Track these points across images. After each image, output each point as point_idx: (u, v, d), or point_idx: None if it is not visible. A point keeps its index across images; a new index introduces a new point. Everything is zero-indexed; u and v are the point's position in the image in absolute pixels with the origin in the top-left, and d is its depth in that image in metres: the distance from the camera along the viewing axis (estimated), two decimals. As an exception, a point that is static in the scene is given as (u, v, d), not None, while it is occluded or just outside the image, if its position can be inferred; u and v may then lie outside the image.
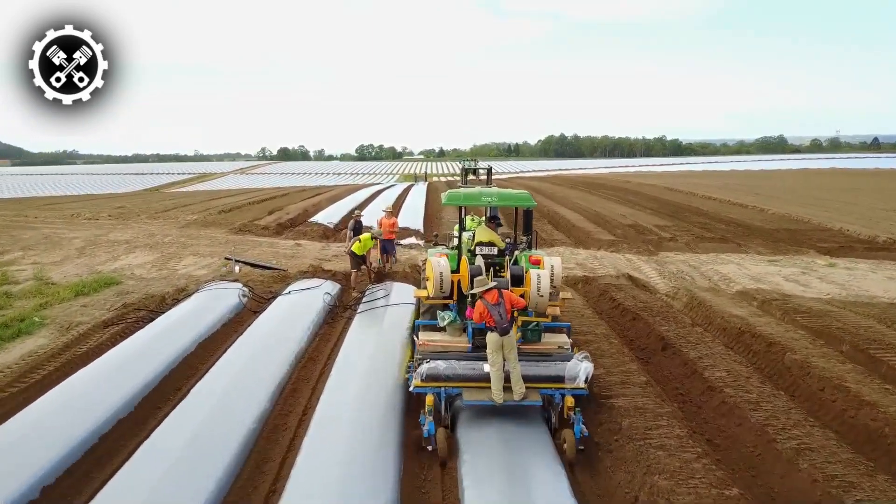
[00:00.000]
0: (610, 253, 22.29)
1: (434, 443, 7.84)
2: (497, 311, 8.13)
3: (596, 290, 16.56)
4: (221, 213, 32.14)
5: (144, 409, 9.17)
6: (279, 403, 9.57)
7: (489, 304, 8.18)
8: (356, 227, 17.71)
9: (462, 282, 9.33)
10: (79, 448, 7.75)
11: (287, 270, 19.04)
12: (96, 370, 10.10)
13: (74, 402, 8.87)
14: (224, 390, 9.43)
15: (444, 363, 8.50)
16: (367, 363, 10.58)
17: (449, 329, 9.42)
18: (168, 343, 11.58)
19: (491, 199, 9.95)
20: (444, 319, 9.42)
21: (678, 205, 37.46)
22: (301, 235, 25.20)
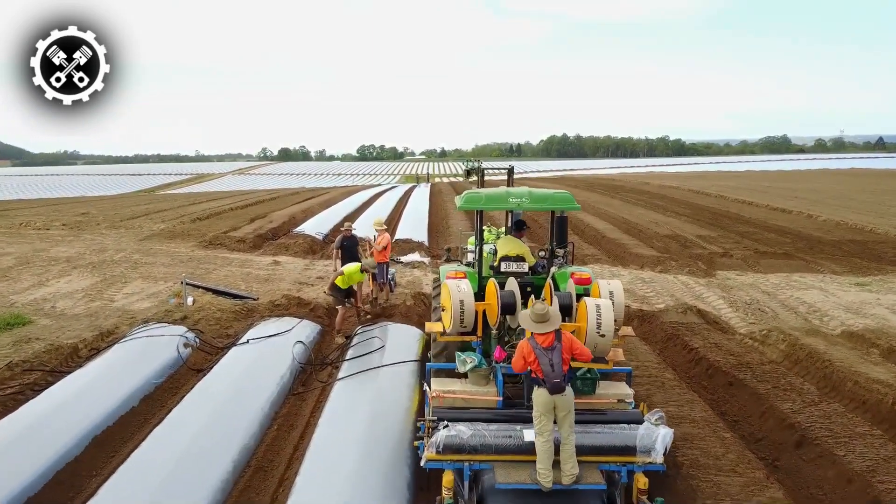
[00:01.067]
0: (658, 274, 18.19)
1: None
2: (549, 358, 5.90)
3: (660, 332, 12.49)
4: (196, 222, 28.05)
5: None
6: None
7: (539, 347, 5.95)
8: (346, 244, 13.68)
9: (489, 312, 7.22)
10: None
11: (257, 299, 15.07)
12: None
13: None
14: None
15: (468, 428, 6.13)
16: (350, 469, 6.74)
17: (471, 376, 7.18)
18: (52, 435, 7.58)
19: (521, 201, 7.76)
20: (465, 363, 7.20)
21: (714, 211, 33.35)
22: (282, 250, 21.11)
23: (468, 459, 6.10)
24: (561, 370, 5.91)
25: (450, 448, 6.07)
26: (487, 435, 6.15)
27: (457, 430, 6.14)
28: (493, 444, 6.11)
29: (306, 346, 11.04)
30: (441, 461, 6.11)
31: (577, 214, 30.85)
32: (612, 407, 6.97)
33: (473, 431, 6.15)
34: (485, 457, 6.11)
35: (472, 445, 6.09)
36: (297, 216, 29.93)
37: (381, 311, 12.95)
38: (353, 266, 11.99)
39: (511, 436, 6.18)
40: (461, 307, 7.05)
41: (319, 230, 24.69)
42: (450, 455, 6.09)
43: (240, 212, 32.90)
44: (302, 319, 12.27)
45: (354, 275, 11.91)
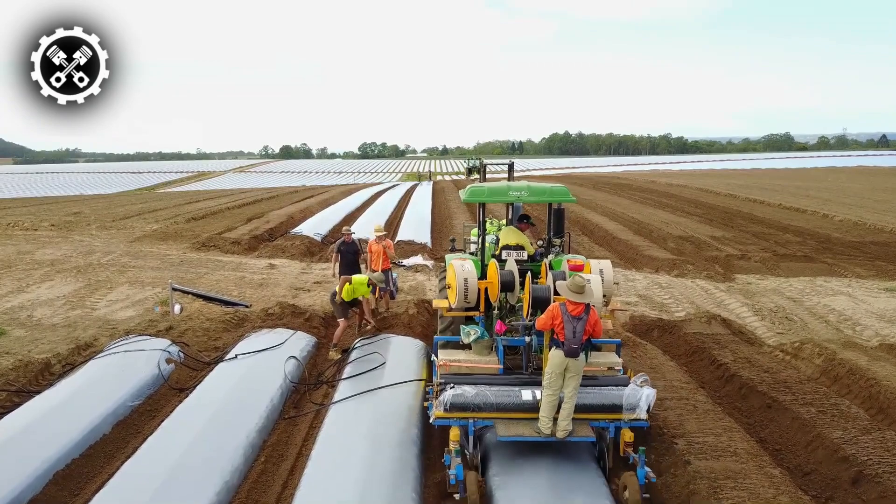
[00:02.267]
0: (675, 278, 17.23)
1: (462, 489, 6.38)
2: (574, 326, 6.55)
3: (683, 345, 11.53)
4: (190, 222, 27.11)
5: None
6: None
7: (567, 313, 6.59)
8: (344, 250, 12.77)
9: (490, 289, 7.98)
10: None
11: (250, 306, 14.15)
12: None
13: None
14: None
15: (472, 389, 6.95)
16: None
17: (475, 347, 7.80)
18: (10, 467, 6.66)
19: (520, 194, 8.51)
20: (468, 335, 7.80)
21: (726, 210, 32.34)
22: (278, 252, 20.15)
23: (472, 416, 6.81)
24: (581, 338, 6.54)
25: (456, 406, 6.80)
26: (489, 395, 6.89)
27: (462, 390, 6.87)
28: (495, 403, 6.85)
29: (300, 361, 10.08)
30: (448, 418, 6.83)
31: (586, 214, 29.91)
32: (602, 374, 7.50)
33: (477, 391, 6.89)
34: (487, 414, 6.84)
35: (475, 404, 6.81)
36: (296, 216, 28.97)
37: (380, 322, 11.98)
38: (360, 278, 11.04)
39: (510, 395, 6.92)
40: (465, 285, 7.75)
41: (318, 231, 23.74)
42: (456, 413, 6.81)
43: (236, 211, 31.95)
44: (295, 331, 11.32)
45: (360, 287, 10.95)
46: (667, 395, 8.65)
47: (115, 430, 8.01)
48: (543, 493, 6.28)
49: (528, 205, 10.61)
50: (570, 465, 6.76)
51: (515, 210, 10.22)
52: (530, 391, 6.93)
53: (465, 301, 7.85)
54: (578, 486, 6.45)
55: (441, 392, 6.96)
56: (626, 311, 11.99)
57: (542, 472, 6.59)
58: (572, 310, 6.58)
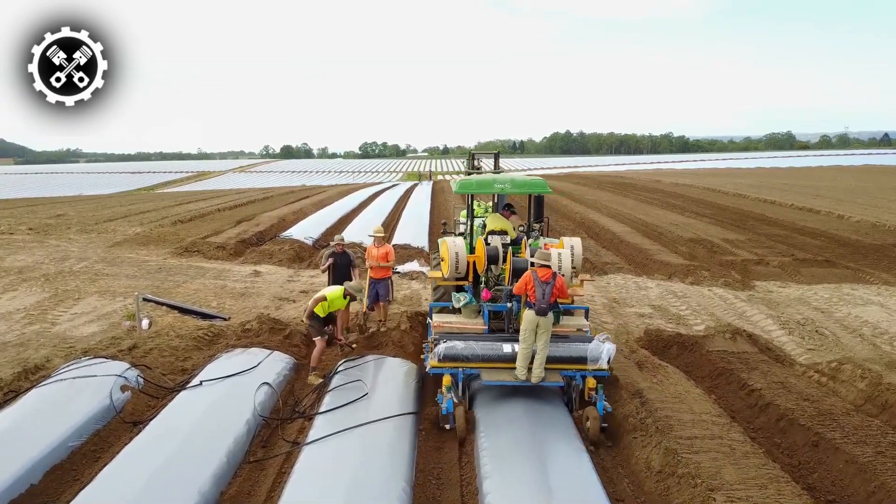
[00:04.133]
0: (690, 286, 15.97)
1: (452, 420, 7.66)
2: (543, 289, 7.85)
3: (707, 365, 10.29)
4: (177, 225, 25.86)
5: None
6: None
7: (538, 279, 7.89)
8: (336, 262, 11.57)
9: (478, 263, 9.19)
10: None
11: (228, 319, 12.97)
12: None
13: None
14: None
15: (461, 343, 8.22)
16: None
17: (464, 311, 9.14)
18: None
19: (504, 187, 9.69)
20: (458, 301, 9.12)
21: (736, 210, 31.07)
22: (265, 258, 18.91)
23: (462, 366, 8.11)
24: (549, 299, 7.84)
25: (448, 357, 8.08)
26: (476, 347, 8.15)
27: (453, 344, 8.16)
28: (481, 354, 8.13)
29: (273, 389, 8.83)
30: (441, 368, 8.11)
31: (591, 216, 28.68)
32: (573, 333, 8.81)
33: (465, 344, 8.18)
34: (474, 364, 8.12)
35: (464, 355, 8.09)
36: (288, 218, 27.71)
37: (368, 340, 10.73)
38: (335, 290, 9.82)
39: (493, 348, 8.21)
40: (456, 258, 9.01)
41: (309, 234, 22.48)
42: (448, 363, 8.09)
43: (227, 213, 30.70)
44: (272, 351, 10.08)
45: (336, 300, 9.75)
46: (696, 433, 7.41)
47: (46, 478, 6.76)
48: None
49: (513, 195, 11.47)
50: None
51: (501, 199, 11.31)
52: (510, 345, 8.19)
53: (455, 272, 9.09)
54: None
55: (435, 346, 8.19)
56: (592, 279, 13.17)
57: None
58: (542, 275, 7.86)
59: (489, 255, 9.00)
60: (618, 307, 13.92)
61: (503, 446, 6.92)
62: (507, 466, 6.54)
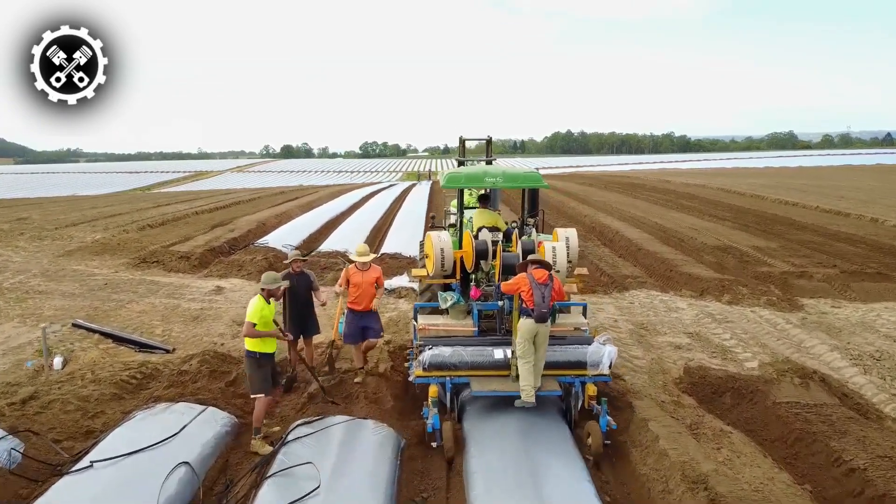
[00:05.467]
0: (728, 306, 13.53)
1: (439, 437, 7.01)
2: (541, 292, 6.98)
3: (778, 425, 7.87)
4: (145, 230, 23.41)
5: None
6: None
7: (535, 281, 7.02)
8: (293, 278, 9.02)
9: (466, 258, 8.36)
10: None
11: (172, 350, 10.64)
12: None
13: None
14: None
15: (448, 349, 7.45)
16: None
17: (451, 312, 8.22)
18: None
19: (496, 180, 8.71)
20: (445, 301, 8.21)
21: (758, 213, 28.61)
22: (233, 269, 16.46)
23: (449, 374, 7.38)
24: (549, 303, 7.02)
25: (434, 366, 7.36)
26: (465, 354, 7.44)
27: (439, 351, 7.44)
28: (470, 362, 7.41)
29: (195, 471, 6.39)
30: (427, 377, 7.38)
31: (603, 219, 26.24)
32: (570, 333, 7.96)
33: (452, 352, 7.43)
34: (462, 372, 7.39)
35: (452, 363, 7.37)
36: (269, 222, 25.25)
37: (335, 390, 8.28)
38: (254, 306, 7.18)
39: (483, 354, 7.47)
40: (442, 254, 8.09)
41: (288, 241, 20.02)
42: (434, 371, 7.37)
43: (205, 217, 28.21)
44: (206, 407, 7.65)
45: (269, 315, 7.27)
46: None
47: None
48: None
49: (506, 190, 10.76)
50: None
51: (495, 191, 10.55)
52: (502, 350, 7.41)
53: (441, 269, 8.18)
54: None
55: (420, 353, 7.43)
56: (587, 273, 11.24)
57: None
58: (539, 277, 7.02)
59: (478, 250, 8.20)
60: (647, 336, 11.49)
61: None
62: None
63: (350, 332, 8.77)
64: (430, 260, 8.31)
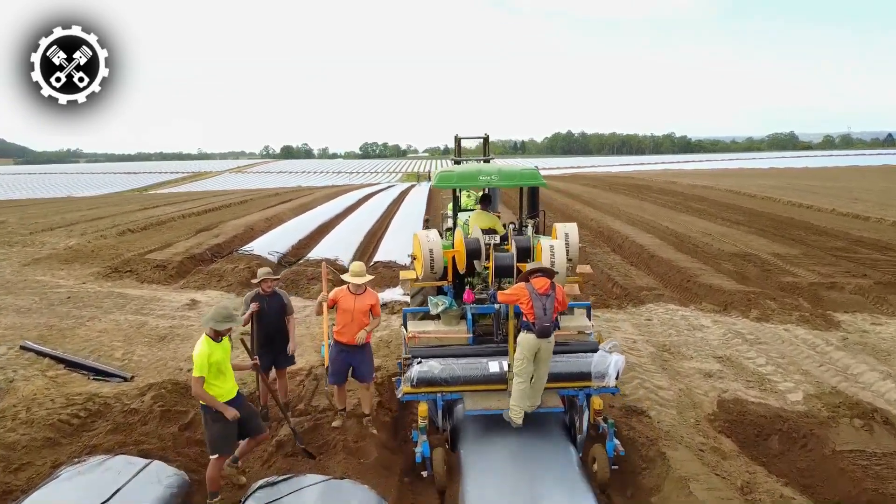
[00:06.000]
0: (757, 323, 12.18)
1: (430, 466, 6.40)
2: (543, 303, 6.30)
3: (842, 482, 6.56)
4: (124, 235, 22.08)
5: None
6: None
7: (535, 292, 6.34)
8: (263, 299, 7.69)
9: (457, 258, 7.75)
10: None
11: (130, 379, 9.40)
12: None
13: None
14: None
15: (439, 364, 6.70)
16: None
17: (444, 318, 7.46)
18: None
19: (491, 179, 8.17)
20: (436, 306, 7.43)
21: (772, 217, 27.25)
22: (213, 280, 15.12)
23: (440, 391, 6.64)
24: (551, 315, 6.31)
25: (423, 381, 6.61)
26: (456, 368, 6.67)
27: (429, 366, 6.67)
28: (462, 376, 6.64)
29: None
30: (416, 394, 6.65)
31: (611, 223, 24.89)
32: (573, 338, 7.21)
33: (444, 366, 6.68)
34: (455, 388, 6.65)
35: (442, 378, 6.62)
36: (257, 226, 23.90)
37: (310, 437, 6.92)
38: (205, 352, 5.78)
39: (478, 367, 6.71)
40: (430, 255, 7.52)
41: (275, 248, 18.68)
42: (423, 388, 6.62)
43: (191, 220, 26.86)
44: (151, 461, 6.31)
45: (223, 357, 5.91)
46: None
47: None
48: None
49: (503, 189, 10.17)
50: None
51: (494, 192, 10.04)
52: (497, 362, 6.77)
53: (431, 272, 7.67)
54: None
55: (408, 368, 6.77)
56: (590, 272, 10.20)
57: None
58: (539, 287, 6.39)
59: (469, 250, 7.67)
60: (672, 360, 10.14)
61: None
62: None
63: (335, 369, 7.24)
64: (419, 262, 7.75)
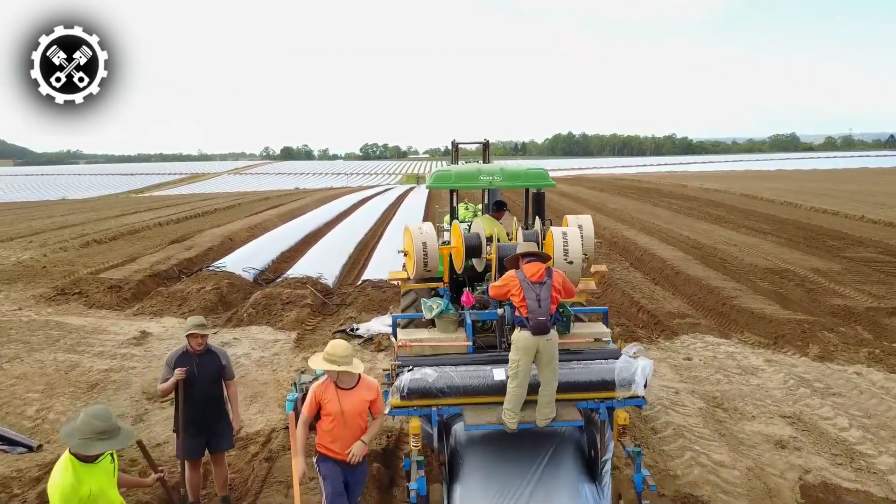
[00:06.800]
0: (819, 363, 10.06)
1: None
2: (537, 293, 5.20)
3: None
4: (89, 247, 19.99)
5: None
6: None
7: (526, 280, 5.27)
8: (192, 361, 5.61)
9: (455, 255, 6.81)
10: None
11: (37, 448, 7.34)
12: None
13: None
14: None
15: (434, 371, 5.54)
16: None
17: (439, 323, 6.33)
18: None
19: (493, 179, 7.35)
20: (431, 309, 6.34)
21: (798, 225, 25.13)
22: (173, 304, 13.02)
23: (436, 404, 5.48)
24: (548, 307, 5.24)
25: (415, 392, 5.45)
26: (455, 376, 5.55)
27: (422, 373, 5.53)
28: (462, 386, 5.51)
29: None
30: (407, 407, 5.46)
31: (625, 232, 22.78)
32: (588, 346, 6.12)
33: (440, 373, 5.54)
34: (453, 400, 5.51)
35: (438, 388, 5.46)
36: (238, 236, 21.78)
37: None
38: (67, 485, 3.64)
39: (480, 376, 5.59)
40: (424, 249, 6.66)
41: (250, 264, 16.53)
42: (416, 400, 5.46)
43: (167, 228, 24.75)
44: None
45: (95, 483, 3.80)
46: None
47: None
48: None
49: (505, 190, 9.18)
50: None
51: (492, 196, 8.99)
52: (503, 370, 5.54)
53: (424, 270, 6.70)
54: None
55: (398, 376, 5.53)
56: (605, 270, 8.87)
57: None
58: (531, 274, 5.32)
59: (469, 246, 6.80)
60: (728, 420, 8.03)
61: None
62: None
63: (334, 499, 4.99)
64: (411, 259, 6.84)
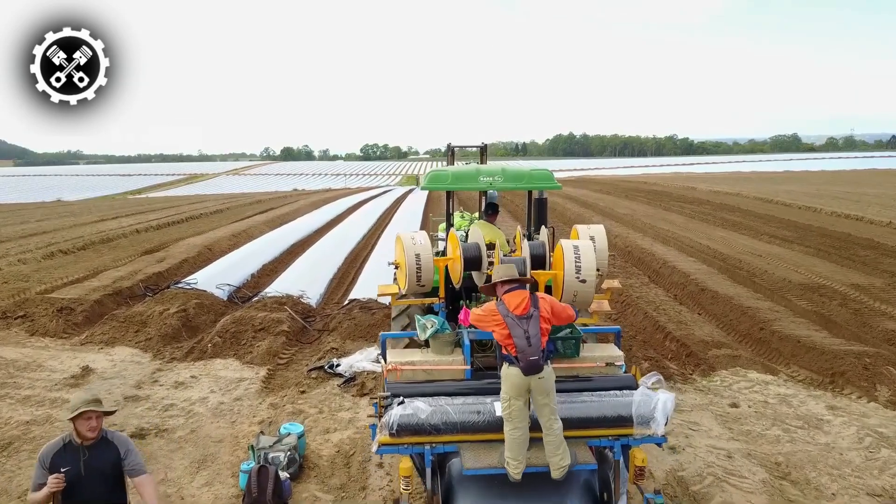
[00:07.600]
0: (895, 411, 8.37)
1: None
2: (524, 329, 4.57)
3: None
4: (52, 258, 18.28)
5: None
6: None
7: (510, 314, 4.63)
8: (81, 456, 3.95)
9: (451, 268, 6.25)
10: None
11: None
12: None
13: None
14: None
15: (426, 404, 4.95)
16: None
17: (434, 344, 5.80)
18: None
19: (493, 180, 6.83)
20: (424, 329, 5.84)
21: (823, 232, 23.36)
22: (128, 331, 11.28)
23: (429, 441, 4.97)
24: (539, 343, 4.56)
25: (406, 429, 4.93)
26: (451, 411, 4.97)
27: (414, 408, 4.96)
28: (459, 422, 4.95)
29: None
30: (396, 445, 4.99)
31: (640, 241, 21.02)
32: (599, 372, 5.70)
33: (434, 408, 4.98)
34: (449, 437, 4.96)
35: (432, 424, 4.93)
36: (218, 246, 20.02)
37: None
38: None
39: (480, 411, 4.99)
40: (417, 262, 6.11)
41: (227, 279, 14.76)
42: (407, 437, 4.96)
43: (145, 237, 22.99)
44: None
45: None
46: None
47: None
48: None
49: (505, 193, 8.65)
50: None
51: (490, 198, 8.16)
52: None
53: (417, 284, 6.16)
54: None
55: (386, 409, 4.97)
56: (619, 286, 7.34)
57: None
58: (514, 306, 4.67)
59: (467, 257, 6.01)
60: (802, 499, 6.31)
61: None
62: None
63: None
64: (402, 272, 6.34)
